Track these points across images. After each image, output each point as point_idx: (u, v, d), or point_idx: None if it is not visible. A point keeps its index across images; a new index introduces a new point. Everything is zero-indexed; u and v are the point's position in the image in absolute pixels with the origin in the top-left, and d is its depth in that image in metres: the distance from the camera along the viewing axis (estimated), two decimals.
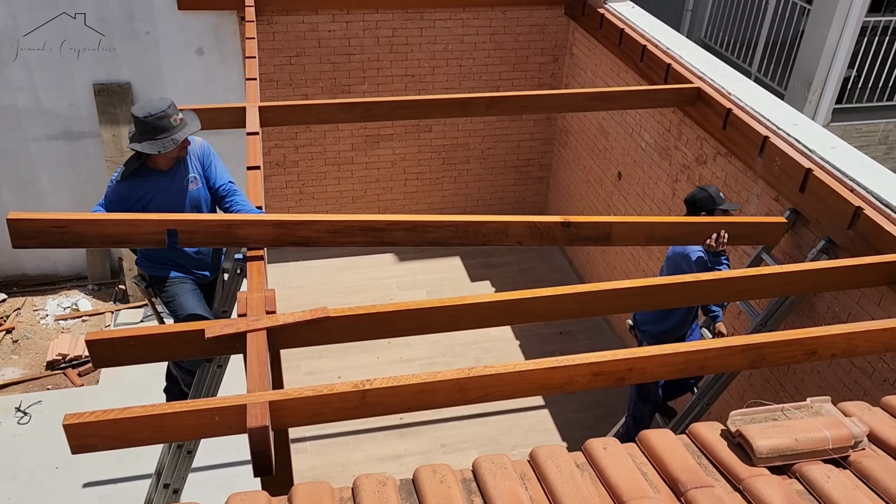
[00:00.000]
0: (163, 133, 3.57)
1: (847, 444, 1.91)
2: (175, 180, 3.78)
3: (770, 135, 4.44)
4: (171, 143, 3.58)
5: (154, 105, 3.58)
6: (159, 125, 3.56)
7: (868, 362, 3.85)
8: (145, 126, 3.55)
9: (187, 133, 3.64)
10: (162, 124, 3.56)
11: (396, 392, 2.41)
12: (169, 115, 3.57)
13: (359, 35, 6.87)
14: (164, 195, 3.73)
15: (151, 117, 3.54)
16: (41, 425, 5.66)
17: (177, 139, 3.59)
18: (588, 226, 3.60)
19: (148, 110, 3.55)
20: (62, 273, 7.41)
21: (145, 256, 3.98)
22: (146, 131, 3.56)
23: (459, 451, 5.52)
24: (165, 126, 3.56)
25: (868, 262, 3.41)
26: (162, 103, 3.60)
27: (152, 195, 3.71)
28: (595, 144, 6.95)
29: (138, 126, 3.58)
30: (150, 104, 3.59)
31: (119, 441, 2.29)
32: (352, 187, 7.66)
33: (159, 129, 3.56)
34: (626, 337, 6.59)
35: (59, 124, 6.73)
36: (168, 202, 3.72)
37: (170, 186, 3.76)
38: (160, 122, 3.55)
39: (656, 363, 2.64)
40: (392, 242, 3.41)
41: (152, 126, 3.55)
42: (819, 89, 8.61)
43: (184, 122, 3.65)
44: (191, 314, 3.88)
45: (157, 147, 3.56)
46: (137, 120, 3.56)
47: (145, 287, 4.06)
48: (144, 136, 3.57)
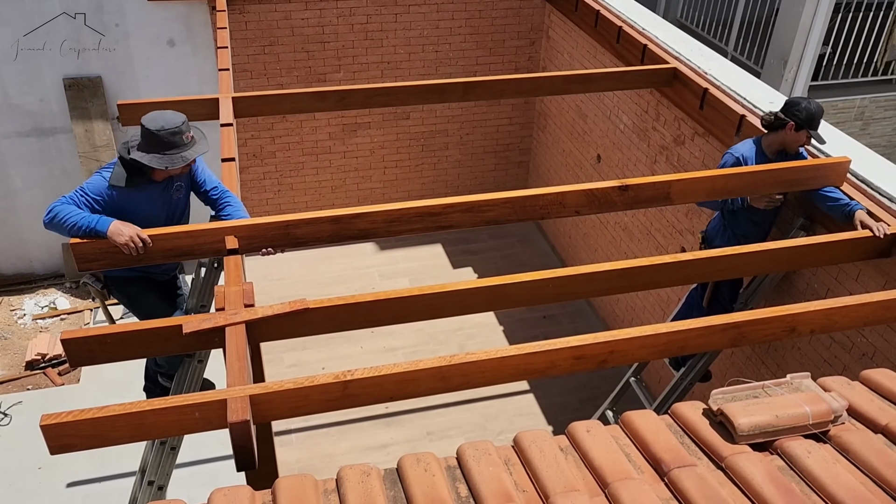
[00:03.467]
0: (173, 149, 3.39)
1: (827, 419, 1.92)
2: (164, 191, 3.61)
3: (747, 113, 4.45)
4: (180, 160, 3.41)
5: (167, 119, 3.40)
6: (170, 141, 3.38)
7: (847, 337, 3.89)
8: (155, 140, 3.37)
9: (197, 153, 3.48)
10: (174, 140, 3.38)
11: (378, 382, 2.40)
12: (182, 131, 3.41)
13: (333, 23, 6.80)
14: (147, 204, 3.56)
15: (164, 132, 3.36)
16: (22, 426, 5.60)
17: (186, 157, 3.42)
18: (646, 187, 3.56)
19: (161, 124, 3.37)
20: (39, 272, 7.31)
21: None
22: (155, 144, 3.38)
23: (446, 438, 5.53)
24: (176, 142, 3.39)
25: (845, 238, 3.44)
26: (176, 118, 3.42)
27: (136, 203, 3.51)
28: (574, 127, 6.95)
29: (148, 138, 3.38)
30: (163, 118, 3.41)
31: (98, 440, 2.27)
32: (330, 177, 7.61)
33: (169, 145, 3.38)
34: (609, 319, 6.63)
35: (30, 120, 6.61)
36: (149, 211, 3.56)
37: (156, 196, 3.60)
38: (172, 137, 3.38)
39: (637, 344, 2.65)
40: (449, 226, 3.39)
41: (162, 140, 3.37)
42: (795, 67, 8.65)
43: (194, 141, 3.49)
44: (155, 312, 3.81)
45: (164, 163, 3.38)
46: (149, 132, 3.37)
47: (100, 288, 3.85)
48: (152, 149, 3.38)
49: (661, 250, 5.62)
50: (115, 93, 6.63)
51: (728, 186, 3.71)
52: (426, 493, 1.73)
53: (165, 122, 3.38)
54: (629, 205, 3.60)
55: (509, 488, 1.75)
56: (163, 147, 3.38)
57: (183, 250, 3.19)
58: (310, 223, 3.24)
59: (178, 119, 3.42)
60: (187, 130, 3.44)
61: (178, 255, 3.22)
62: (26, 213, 6.95)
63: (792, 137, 3.85)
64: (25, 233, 7.05)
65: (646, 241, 5.84)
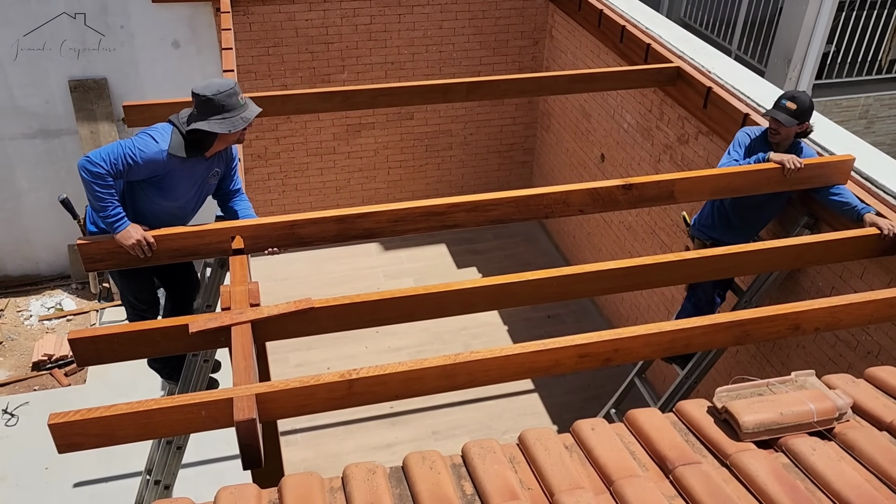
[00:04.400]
0: (232, 111, 3.26)
1: (832, 417, 1.92)
2: (205, 170, 3.47)
3: (750, 112, 4.44)
4: (240, 122, 3.26)
5: (220, 83, 3.27)
6: (228, 103, 3.24)
7: (852, 335, 3.88)
8: (212, 105, 3.22)
9: (254, 113, 3.35)
10: (231, 102, 3.25)
11: (383, 381, 2.41)
12: (237, 92, 3.29)
13: (336, 23, 6.81)
14: (189, 182, 3.42)
15: (221, 94, 3.22)
16: (29, 426, 5.62)
17: (247, 118, 3.29)
18: (650, 185, 3.58)
19: (217, 88, 3.23)
20: (45, 273, 7.33)
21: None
22: (213, 110, 3.23)
23: (451, 437, 5.54)
24: (234, 104, 3.26)
25: (850, 236, 3.44)
26: (227, 81, 3.29)
27: (180, 179, 3.38)
28: (577, 127, 6.95)
29: (204, 106, 3.23)
30: (214, 83, 3.27)
31: (105, 439, 2.28)
32: (335, 177, 7.62)
33: (228, 108, 3.24)
34: (613, 318, 6.62)
35: (36, 122, 6.63)
36: (187, 190, 3.44)
37: (198, 176, 3.45)
38: (230, 99, 3.24)
39: (641, 342, 2.65)
40: (454, 225, 3.40)
41: (220, 104, 3.22)
42: (799, 65, 8.64)
43: (247, 103, 3.36)
44: (141, 298, 3.80)
45: (227, 126, 3.23)
46: (204, 99, 3.22)
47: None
48: (211, 115, 3.23)
49: (665, 249, 5.61)
50: (121, 94, 6.65)
51: (732, 185, 3.71)
52: (432, 490, 1.74)
53: (220, 86, 3.25)
54: (633, 204, 3.61)
55: (514, 486, 1.76)
56: (222, 110, 3.25)
57: (189, 250, 3.21)
58: (315, 223, 3.25)
59: (230, 82, 3.31)
60: (240, 92, 3.34)
61: (185, 255, 3.24)
62: (32, 215, 6.98)
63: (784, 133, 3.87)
64: (32, 234, 7.08)
65: (650, 240, 5.84)
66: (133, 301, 3.84)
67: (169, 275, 3.94)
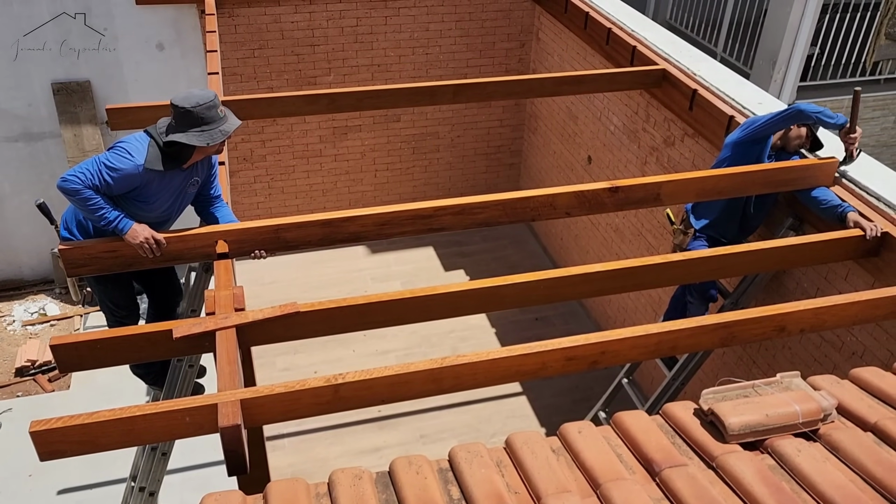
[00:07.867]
0: (211, 124, 3.23)
1: (817, 418, 1.93)
2: (183, 180, 3.45)
3: (736, 114, 4.47)
4: (219, 135, 3.24)
5: (200, 95, 3.24)
6: (208, 115, 3.21)
7: (837, 336, 3.91)
8: (191, 117, 3.19)
9: (234, 126, 3.33)
10: (210, 115, 3.22)
11: (370, 385, 2.40)
12: (216, 105, 3.25)
13: (322, 25, 6.79)
14: (168, 193, 3.41)
15: (200, 107, 3.19)
16: (12, 433, 5.55)
17: (226, 131, 3.27)
18: (636, 188, 3.59)
19: (196, 100, 3.20)
20: (28, 277, 7.26)
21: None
22: (191, 122, 3.20)
23: (439, 440, 5.53)
24: (214, 117, 3.24)
25: (834, 238, 3.46)
26: (207, 93, 3.26)
27: (159, 191, 3.36)
28: (564, 129, 6.96)
29: (183, 117, 3.20)
30: (194, 95, 3.24)
31: (88, 446, 2.25)
32: (321, 180, 7.59)
33: (207, 120, 3.22)
34: (602, 319, 6.64)
35: (18, 125, 6.57)
36: (166, 201, 3.42)
37: (176, 186, 3.43)
38: (209, 112, 3.22)
39: (629, 345, 2.65)
40: (441, 228, 3.40)
41: (199, 117, 3.20)
42: (783, 67, 8.69)
43: (227, 115, 3.34)
44: (120, 303, 3.77)
45: (205, 139, 3.20)
46: (183, 111, 3.19)
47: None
48: (190, 128, 3.21)
49: (652, 251, 5.63)
50: (104, 97, 6.60)
51: (718, 187, 3.73)
52: (418, 495, 1.73)
53: (200, 98, 3.22)
54: (620, 206, 3.62)
55: (501, 490, 1.75)
56: (201, 123, 3.22)
57: (173, 255, 3.19)
58: (300, 227, 3.24)
59: (210, 94, 3.28)
60: (220, 105, 3.31)
61: (169, 260, 3.21)
62: (15, 219, 6.91)
63: (794, 132, 4.00)
64: (14, 239, 7.00)
65: (637, 242, 5.86)
66: (112, 307, 3.81)
67: (147, 279, 3.91)
